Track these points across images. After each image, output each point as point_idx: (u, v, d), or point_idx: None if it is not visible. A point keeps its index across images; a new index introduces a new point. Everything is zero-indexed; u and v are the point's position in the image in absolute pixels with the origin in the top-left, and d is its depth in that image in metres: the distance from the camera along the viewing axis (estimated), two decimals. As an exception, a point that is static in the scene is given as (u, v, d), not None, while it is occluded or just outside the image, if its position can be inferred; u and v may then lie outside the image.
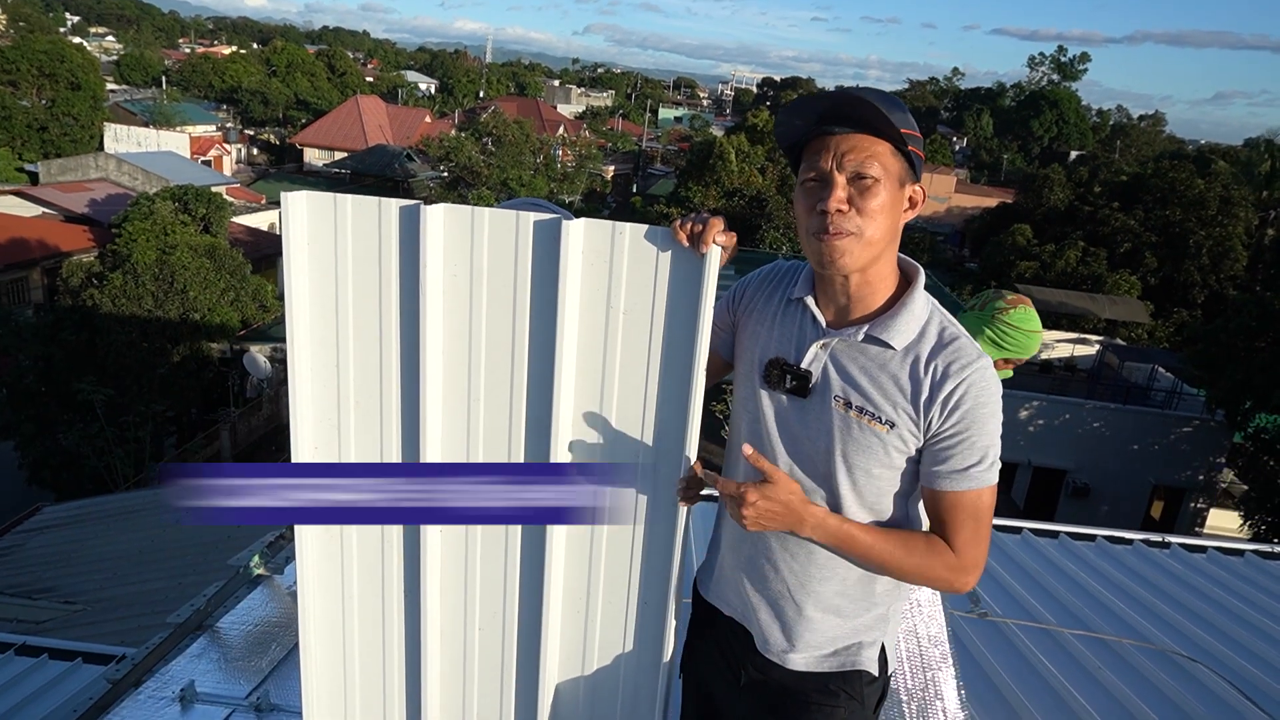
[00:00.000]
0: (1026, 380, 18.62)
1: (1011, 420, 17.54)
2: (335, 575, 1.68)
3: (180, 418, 17.77)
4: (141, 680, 2.75)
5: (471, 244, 1.49)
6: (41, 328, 16.83)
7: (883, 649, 1.61)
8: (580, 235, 1.47)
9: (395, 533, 1.65)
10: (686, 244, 1.47)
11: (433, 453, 1.58)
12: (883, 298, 1.48)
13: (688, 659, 1.78)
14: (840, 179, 1.37)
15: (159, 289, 16.68)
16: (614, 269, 1.49)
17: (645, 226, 1.47)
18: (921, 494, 1.50)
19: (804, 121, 1.41)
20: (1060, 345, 21.94)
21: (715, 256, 1.45)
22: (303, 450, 1.60)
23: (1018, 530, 4.86)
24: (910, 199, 1.45)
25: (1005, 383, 1.55)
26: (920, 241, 33.09)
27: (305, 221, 1.50)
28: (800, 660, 1.58)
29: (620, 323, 1.52)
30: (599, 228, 1.47)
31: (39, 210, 26.69)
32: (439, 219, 1.46)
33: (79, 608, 7.53)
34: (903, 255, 1.52)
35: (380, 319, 1.53)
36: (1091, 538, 4.95)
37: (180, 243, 17.62)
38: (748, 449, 1.42)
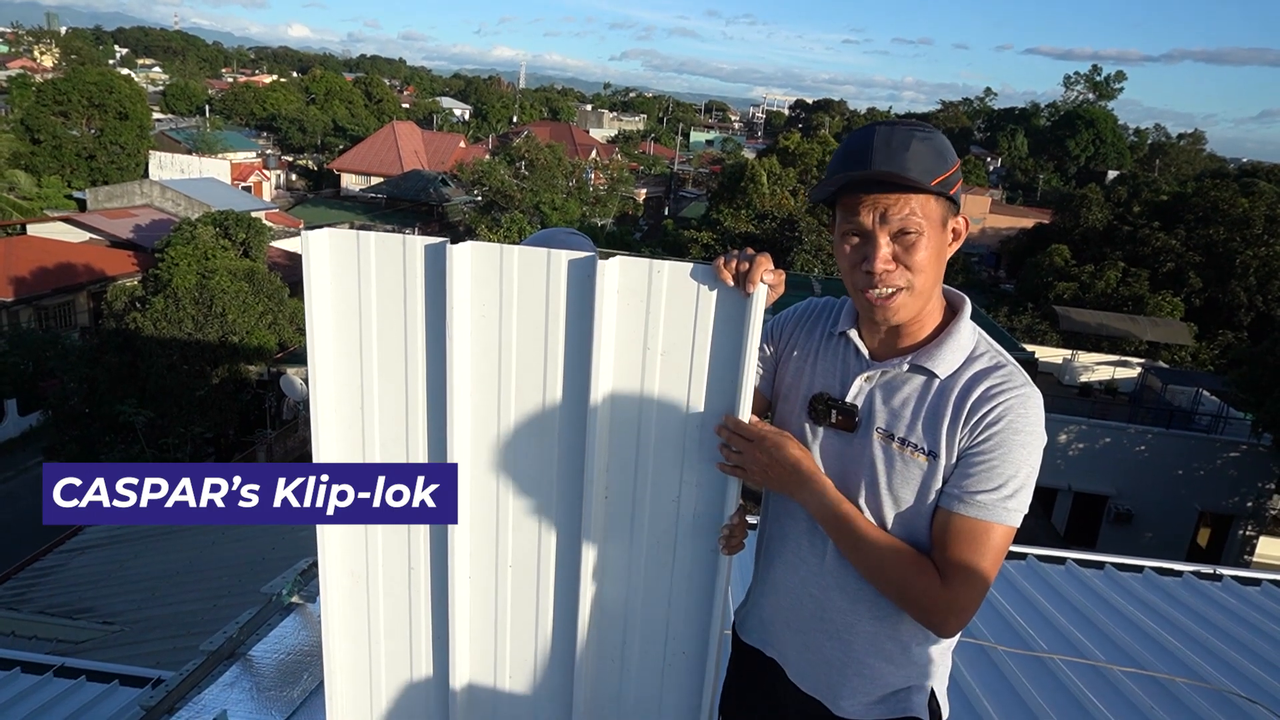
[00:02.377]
0: (1066, 403, 18.26)
1: (1051, 444, 17.10)
2: (361, 624, 1.63)
3: (218, 439, 18.04)
4: (175, 708, 2.74)
5: (501, 283, 1.44)
6: (87, 350, 17.26)
7: (933, 694, 1.54)
8: (616, 274, 1.42)
9: (422, 577, 1.61)
10: (731, 283, 1.41)
11: (463, 497, 1.54)
12: (929, 328, 1.44)
13: (728, 703, 1.73)
14: (883, 237, 1.33)
15: (199, 312, 17.01)
16: (651, 308, 1.44)
17: (685, 264, 1.42)
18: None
19: (837, 185, 1.36)
20: (1101, 368, 21.50)
21: (762, 296, 1.39)
22: None
23: (1062, 561, 4.72)
24: (953, 231, 1.41)
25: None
26: (954, 263, 32.70)
27: (328, 261, 1.46)
28: (849, 706, 1.52)
29: (658, 365, 1.47)
30: (635, 266, 1.42)
31: (86, 236, 27.44)
32: (466, 258, 1.42)
33: (117, 628, 7.63)
34: (948, 286, 1.48)
35: (406, 361, 1.49)
36: (1139, 569, 4.80)
37: (220, 267, 17.98)
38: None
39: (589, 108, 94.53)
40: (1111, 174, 54.87)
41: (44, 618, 7.82)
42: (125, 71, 62.12)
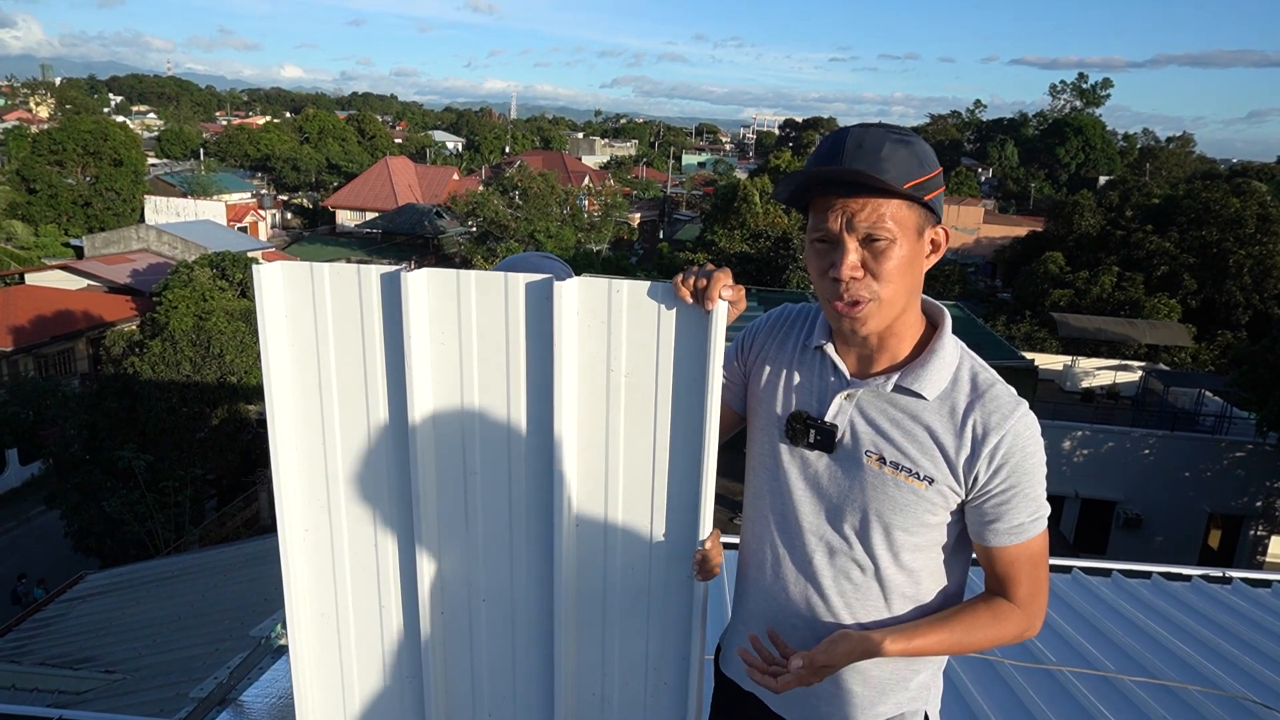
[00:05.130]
0: (1069, 410, 18.19)
1: (1055, 451, 17.15)
2: (334, 666, 1.58)
3: (219, 480, 17.94)
4: (165, 760, 2.69)
5: (459, 310, 1.41)
6: (86, 397, 17.23)
7: (926, 718, 1.49)
8: (574, 295, 1.38)
9: (394, 615, 1.56)
10: (690, 300, 1.37)
11: (429, 531, 1.49)
12: (909, 345, 1.39)
13: None
14: (851, 242, 1.27)
15: (196, 354, 17.00)
16: (613, 330, 1.40)
17: (645, 283, 1.38)
18: (975, 550, 1.42)
19: (804, 187, 1.32)
20: (1101, 373, 21.44)
21: (722, 313, 1.35)
22: (292, 534, 1.51)
23: (1068, 570, 4.66)
24: (932, 242, 1.35)
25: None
26: (951, 274, 32.78)
27: (281, 294, 1.42)
28: None
29: (622, 387, 1.43)
30: (594, 286, 1.39)
31: (84, 283, 27.55)
32: (422, 285, 1.39)
33: (119, 676, 7.53)
34: (927, 298, 1.43)
35: (366, 393, 1.45)
36: (1147, 575, 4.73)
37: (216, 308, 18.00)
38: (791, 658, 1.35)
39: (580, 135, 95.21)
40: (1103, 179, 55.16)
41: (45, 669, 7.71)
42: (120, 119, 62.64)
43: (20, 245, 33.82)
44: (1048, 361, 21.18)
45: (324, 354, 1.44)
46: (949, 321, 1.41)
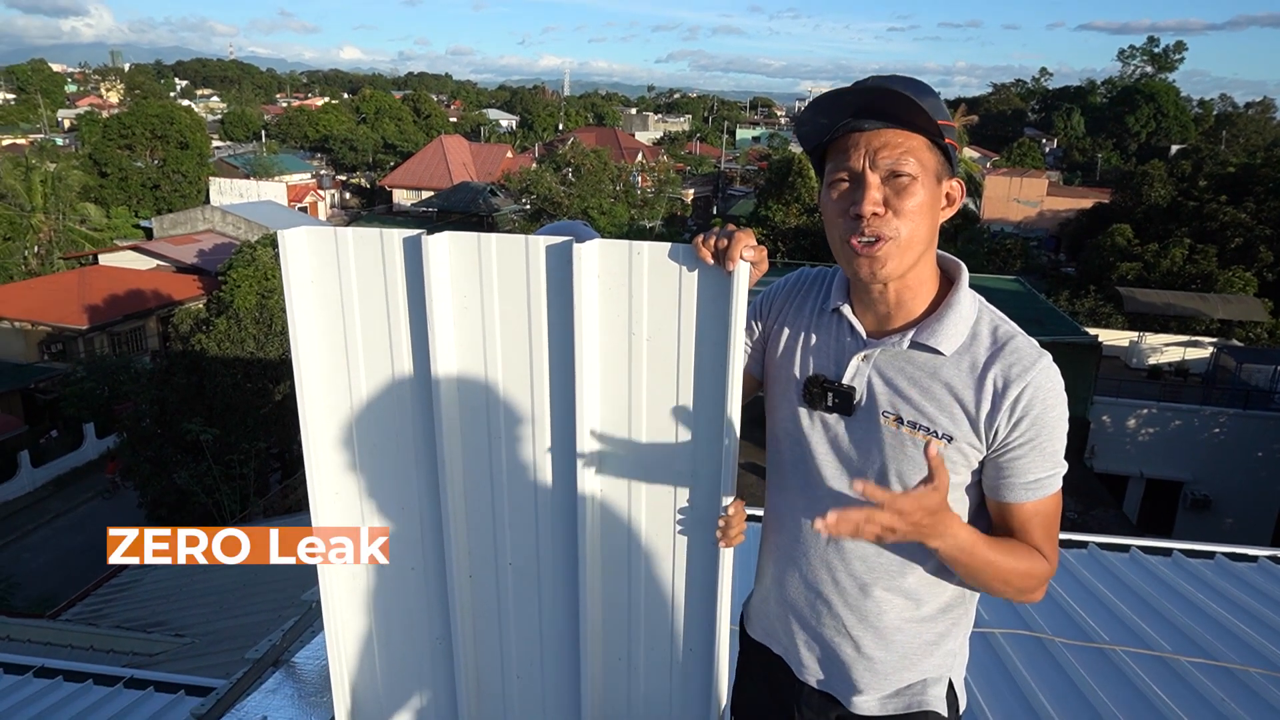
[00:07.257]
0: (1134, 387, 17.61)
1: (1120, 429, 16.63)
2: (365, 625, 1.61)
3: (283, 454, 18.50)
4: (222, 715, 2.80)
5: (480, 273, 1.40)
6: (156, 373, 17.89)
7: (951, 685, 1.47)
8: (595, 258, 1.37)
9: (423, 577, 1.58)
10: (711, 261, 1.35)
11: (455, 495, 1.50)
12: (925, 301, 1.35)
13: (737, 701, 1.66)
14: (874, 178, 1.25)
15: (260, 331, 17.48)
16: (634, 292, 1.39)
17: (664, 245, 1.37)
18: (989, 508, 1.37)
19: (830, 119, 1.29)
20: (1170, 349, 20.68)
21: (744, 274, 1.33)
22: (323, 496, 1.53)
23: (1125, 548, 4.52)
24: (948, 195, 1.32)
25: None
26: (1012, 248, 31.89)
27: (307, 259, 1.43)
28: (862, 702, 1.45)
29: (644, 350, 1.41)
30: (615, 248, 1.38)
31: (154, 263, 28.52)
32: (444, 248, 1.39)
33: (188, 640, 7.88)
34: (942, 253, 1.39)
35: (392, 357, 1.46)
36: (1210, 555, 4.57)
37: (279, 287, 18.44)
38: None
39: (634, 111, 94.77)
40: (1175, 148, 52.95)
41: (120, 632, 8.11)
42: (185, 103, 64.39)
43: (94, 227, 35.05)
44: (1113, 338, 20.51)
45: (349, 318, 1.46)
46: (965, 275, 1.37)
